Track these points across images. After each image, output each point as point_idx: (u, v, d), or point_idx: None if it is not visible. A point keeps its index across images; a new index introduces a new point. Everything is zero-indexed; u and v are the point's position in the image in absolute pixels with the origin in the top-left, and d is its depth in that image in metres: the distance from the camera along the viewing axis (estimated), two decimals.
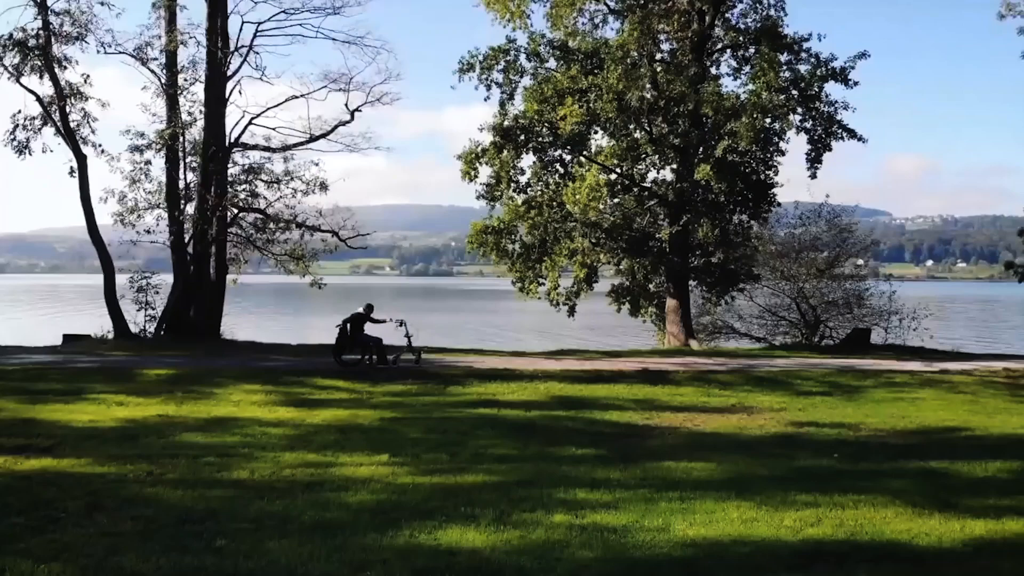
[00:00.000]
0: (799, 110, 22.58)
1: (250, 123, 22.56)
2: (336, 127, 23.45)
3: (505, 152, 23.86)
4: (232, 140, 22.63)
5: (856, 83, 22.28)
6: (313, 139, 23.36)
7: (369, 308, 17.17)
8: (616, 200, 26.16)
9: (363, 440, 10.22)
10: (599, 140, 26.12)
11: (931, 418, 12.88)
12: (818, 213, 25.99)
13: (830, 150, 22.69)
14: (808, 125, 22.74)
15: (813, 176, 23.03)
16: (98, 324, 22.75)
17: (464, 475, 8.49)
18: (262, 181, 23.32)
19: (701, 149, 23.34)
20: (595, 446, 10.14)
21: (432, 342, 23.09)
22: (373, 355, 16.90)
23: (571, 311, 26.28)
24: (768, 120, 22.06)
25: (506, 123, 23.53)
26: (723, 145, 21.94)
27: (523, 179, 25.00)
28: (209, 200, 21.50)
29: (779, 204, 24.07)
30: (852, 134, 22.47)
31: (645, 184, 25.84)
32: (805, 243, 25.74)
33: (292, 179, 23.13)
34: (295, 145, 23.26)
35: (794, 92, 22.34)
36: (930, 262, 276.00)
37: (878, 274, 26.27)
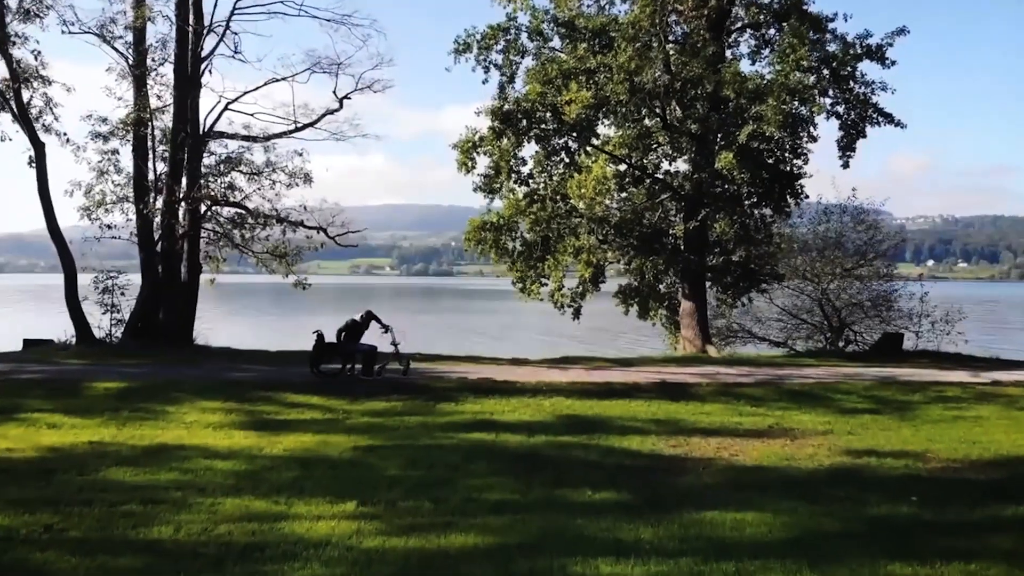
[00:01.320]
0: (831, 92, 20.36)
1: (226, 108, 20.68)
2: (324, 115, 21.68)
3: (505, 139, 21.74)
4: (207, 127, 20.73)
5: (894, 62, 20.02)
6: (298, 128, 21.55)
7: (368, 315, 15.16)
8: (625, 194, 24.17)
9: (328, 478, 8.29)
10: (607, 129, 24.17)
11: (1004, 443, 10.94)
12: (843, 209, 24.00)
13: (864, 136, 20.38)
14: (840, 109, 20.53)
15: (845, 165, 20.80)
16: (65, 328, 20.88)
17: (450, 534, 6.55)
18: (241, 172, 21.48)
19: (721, 136, 21.27)
20: (616, 487, 8.17)
21: (426, 347, 21.10)
22: (356, 364, 14.96)
23: (576, 314, 24.29)
24: (796, 103, 19.92)
25: (506, 107, 21.41)
26: (747, 130, 19.79)
27: (524, 170, 22.83)
28: (178, 192, 19.58)
29: (807, 196, 21.99)
30: (889, 119, 20.18)
31: (657, 175, 23.85)
32: (830, 240, 23.71)
33: (274, 171, 21.34)
34: (278, 135, 21.43)
35: (825, 72, 20.15)
36: (931, 262, 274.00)
37: (879, 274, 24.20)
